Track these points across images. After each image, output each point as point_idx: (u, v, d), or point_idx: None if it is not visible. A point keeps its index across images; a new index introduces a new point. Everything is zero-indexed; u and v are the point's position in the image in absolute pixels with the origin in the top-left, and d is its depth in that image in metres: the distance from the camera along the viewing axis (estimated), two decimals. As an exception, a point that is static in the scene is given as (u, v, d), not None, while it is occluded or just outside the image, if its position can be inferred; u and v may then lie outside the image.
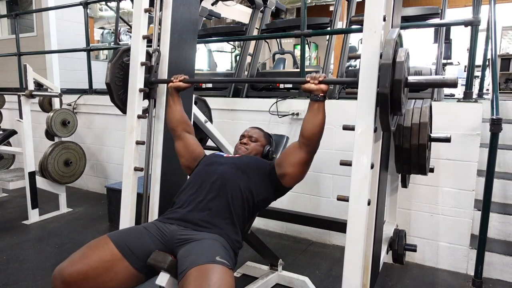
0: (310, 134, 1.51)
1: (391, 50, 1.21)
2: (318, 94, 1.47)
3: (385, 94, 1.20)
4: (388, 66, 1.20)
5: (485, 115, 2.60)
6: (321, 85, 1.46)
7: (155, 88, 1.99)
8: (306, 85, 1.48)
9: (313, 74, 1.49)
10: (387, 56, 1.20)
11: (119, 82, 1.95)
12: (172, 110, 1.84)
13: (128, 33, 7.34)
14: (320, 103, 1.48)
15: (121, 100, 1.97)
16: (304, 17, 3.01)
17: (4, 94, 4.47)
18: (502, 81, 7.89)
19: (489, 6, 2.74)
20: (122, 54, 1.94)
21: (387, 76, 1.20)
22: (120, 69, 1.94)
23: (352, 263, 1.30)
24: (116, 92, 1.94)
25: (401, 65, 1.22)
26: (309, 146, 1.54)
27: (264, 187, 1.65)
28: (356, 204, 1.30)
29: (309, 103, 1.51)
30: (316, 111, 1.49)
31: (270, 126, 3.10)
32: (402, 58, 1.23)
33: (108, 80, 1.89)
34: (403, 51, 1.26)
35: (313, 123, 1.50)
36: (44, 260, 2.67)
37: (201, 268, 1.26)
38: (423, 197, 2.66)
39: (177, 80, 1.80)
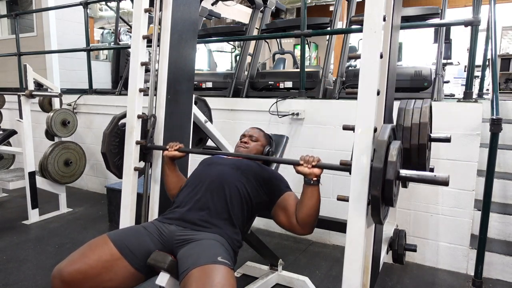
0: (305, 216, 1.49)
1: (383, 152, 1.22)
2: (312, 179, 1.44)
3: (377, 196, 1.22)
4: (380, 169, 1.21)
5: (485, 115, 2.60)
6: (314, 170, 1.42)
7: (151, 152, 1.99)
8: (299, 168, 1.44)
9: (306, 157, 1.44)
10: (378, 160, 1.22)
11: (115, 150, 1.95)
12: (169, 180, 1.83)
13: (128, 33, 7.33)
14: (314, 187, 1.45)
15: (117, 167, 1.97)
16: (304, 17, 3.02)
17: (4, 94, 4.46)
18: (502, 81, 7.89)
19: (489, 6, 2.74)
20: (117, 122, 1.95)
21: (379, 178, 1.21)
22: (115, 136, 1.95)
23: (352, 263, 1.30)
24: (112, 159, 1.95)
25: (393, 165, 1.23)
26: (304, 228, 1.52)
27: (261, 194, 1.65)
28: (356, 204, 1.30)
29: (303, 186, 1.47)
30: (310, 194, 1.46)
31: (270, 126, 3.10)
32: (394, 158, 1.23)
33: (104, 149, 1.90)
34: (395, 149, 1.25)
35: (307, 205, 1.47)
36: (44, 260, 2.67)
37: (203, 269, 1.26)
38: (423, 197, 2.66)
39: (172, 149, 1.77)
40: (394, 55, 1.63)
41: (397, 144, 1.28)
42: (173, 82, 2.03)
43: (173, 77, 2.03)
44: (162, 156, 1.88)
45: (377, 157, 1.23)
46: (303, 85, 3.11)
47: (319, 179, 1.45)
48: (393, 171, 1.23)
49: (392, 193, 1.24)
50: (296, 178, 1.71)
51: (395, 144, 1.28)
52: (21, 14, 5.11)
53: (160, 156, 1.95)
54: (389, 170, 1.23)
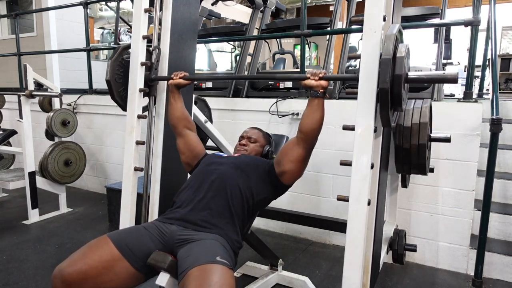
0: (308, 130, 1.51)
1: (391, 46, 1.21)
2: (318, 90, 1.47)
3: (386, 89, 1.20)
4: (388, 61, 1.20)
5: (485, 115, 2.60)
6: (321, 81, 1.46)
7: (155, 86, 1.99)
8: (306, 81, 1.49)
9: (313, 71, 1.49)
10: (387, 52, 1.20)
11: (119, 80, 1.95)
12: (173, 107, 1.84)
13: (128, 33, 7.34)
14: (319, 99, 1.49)
15: (121, 97, 1.97)
16: (304, 17, 3.02)
17: (4, 94, 4.47)
18: (502, 81, 7.89)
19: (489, 6, 2.74)
20: (122, 52, 1.95)
21: (388, 71, 1.20)
22: (120, 66, 1.94)
23: (352, 263, 1.30)
24: (117, 89, 1.94)
25: (402, 60, 1.22)
26: (307, 142, 1.54)
27: (264, 186, 1.65)
28: (356, 204, 1.30)
29: (309, 99, 1.51)
30: (316, 106, 1.49)
31: (270, 126, 3.10)
32: (402, 54, 1.23)
33: (109, 77, 1.89)
34: (404, 46, 1.26)
35: (312, 118, 1.50)
36: (44, 260, 2.67)
37: (201, 268, 1.26)
38: (423, 197, 2.66)
39: (177, 77, 1.80)
40: (394, 55, 1.63)
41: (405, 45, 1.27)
42: (173, 82, 2.03)
43: (173, 77, 2.03)
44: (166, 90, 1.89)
45: (386, 50, 1.21)
46: (303, 85, 3.10)
47: (326, 92, 1.49)
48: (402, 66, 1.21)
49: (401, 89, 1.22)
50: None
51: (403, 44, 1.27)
52: (21, 14, 5.11)
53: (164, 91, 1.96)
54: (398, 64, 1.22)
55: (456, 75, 1.22)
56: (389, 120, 1.27)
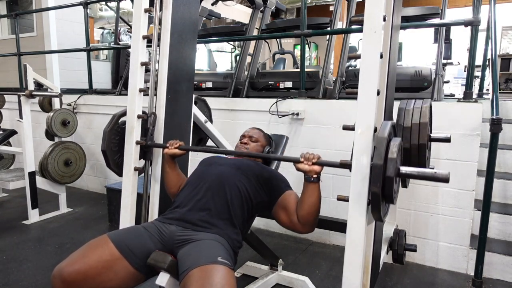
0: (306, 214, 1.48)
1: (383, 149, 1.22)
2: (312, 176, 1.43)
3: (377, 193, 1.21)
4: (380, 166, 1.20)
5: (485, 115, 2.60)
6: (314, 167, 1.41)
7: (151, 151, 1.98)
8: (299, 165, 1.44)
9: (306, 155, 1.43)
10: (378, 157, 1.21)
11: (115, 147, 1.95)
12: (170, 177, 1.82)
13: (128, 33, 7.33)
14: (314, 184, 1.45)
15: (117, 164, 1.97)
16: (304, 17, 3.01)
17: (4, 94, 4.46)
18: (502, 81, 7.89)
19: (489, 6, 2.74)
20: (117, 120, 1.94)
21: (380, 175, 1.20)
22: (116, 134, 1.95)
23: (352, 263, 1.30)
24: (112, 157, 1.95)
25: (393, 162, 1.22)
26: (305, 226, 1.52)
27: (262, 194, 1.65)
28: (356, 204, 1.30)
29: (304, 184, 1.47)
30: (311, 191, 1.45)
31: (270, 126, 3.10)
32: (394, 155, 1.22)
33: (104, 147, 1.89)
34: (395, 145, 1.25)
35: (308, 203, 1.46)
36: (44, 260, 2.67)
37: (203, 269, 1.26)
38: (423, 197, 2.66)
39: (172, 147, 1.76)
40: (394, 55, 1.63)
41: (397, 141, 1.28)
42: (173, 82, 2.03)
43: (173, 77, 2.03)
44: (162, 154, 1.88)
45: (377, 154, 1.22)
46: (303, 85, 3.11)
47: (319, 176, 1.45)
48: (393, 168, 1.22)
49: (392, 190, 1.24)
50: (297, 178, 1.71)
51: (395, 141, 1.28)
52: (21, 14, 5.11)
53: (161, 155, 1.94)
54: (389, 167, 1.22)
55: (447, 175, 1.21)
56: (381, 217, 1.28)
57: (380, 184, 1.21)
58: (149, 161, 1.99)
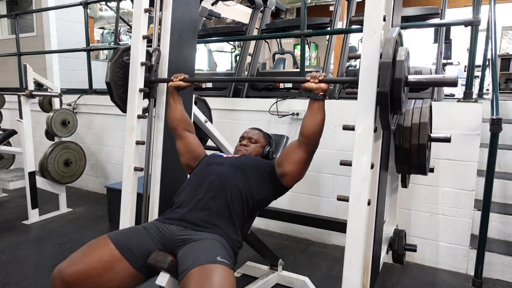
0: (310, 133, 1.51)
1: (391, 49, 1.21)
2: (318, 93, 1.47)
3: (385, 93, 1.20)
4: (388, 65, 1.20)
5: (485, 115, 2.60)
6: (321, 84, 1.46)
7: (155, 87, 1.99)
8: (306, 84, 1.49)
9: (313, 73, 1.49)
10: (387, 55, 1.20)
11: (119, 81, 1.95)
12: (173, 109, 1.84)
13: (128, 33, 7.34)
14: (320, 102, 1.48)
15: (121, 99, 1.97)
16: (304, 17, 3.01)
17: (4, 94, 4.47)
18: (502, 81, 7.89)
19: (489, 6, 2.74)
20: (122, 53, 1.94)
21: (387, 75, 1.20)
22: (120, 68, 1.94)
23: (352, 263, 1.30)
24: (116, 91, 1.94)
25: (401, 64, 1.22)
26: (308, 145, 1.54)
27: (264, 186, 1.65)
28: (356, 204, 1.30)
29: (309, 102, 1.51)
30: (316, 109, 1.49)
31: (270, 126, 3.10)
32: (402, 57, 1.23)
33: (108, 79, 1.89)
34: (403, 50, 1.25)
35: (312, 122, 1.50)
36: (44, 260, 2.67)
37: (202, 268, 1.26)
38: (423, 197, 2.66)
39: (177, 79, 1.80)
40: (394, 55, 1.63)
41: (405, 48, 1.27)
42: (173, 82, 2.03)
43: (173, 77, 2.03)
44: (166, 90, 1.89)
45: (385, 53, 1.21)
46: (303, 85, 3.10)
47: (326, 95, 1.49)
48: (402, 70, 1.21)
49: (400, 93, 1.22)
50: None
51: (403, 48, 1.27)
52: (21, 14, 5.11)
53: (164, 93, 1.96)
54: (398, 67, 1.21)
55: (456, 78, 1.21)
56: (389, 123, 1.27)
57: (389, 83, 1.20)
58: (153, 100, 1.99)
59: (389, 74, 1.20)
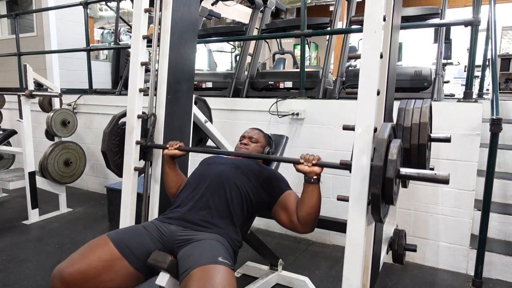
0: (305, 215, 1.49)
1: (383, 150, 1.22)
2: (312, 177, 1.44)
3: (377, 195, 1.21)
4: (380, 168, 1.20)
5: (485, 115, 2.60)
6: (314, 168, 1.41)
7: (151, 152, 1.98)
8: (299, 166, 1.44)
9: (306, 156, 1.44)
10: (378, 158, 1.21)
11: (115, 148, 1.96)
12: (170, 178, 1.82)
13: (128, 33, 7.34)
14: (314, 185, 1.45)
15: (117, 166, 1.97)
16: (304, 17, 3.01)
17: (4, 94, 4.46)
18: (502, 81, 7.88)
19: (489, 6, 2.74)
20: (117, 121, 1.95)
21: (380, 176, 1.20)
22: (116, 135, 1.95)
23: (352, 263, 1.30)
24: (112, 158, 1.95)
25: (393, 163, 1.22)
26: (305, 227, 1.52)
27: (262, 194, 1.65)
28: (356, 204, 1.30)
29: (304, 185, 1.47)
30: (310, 193, 1.45)
31: (270, 126, 3.10)
32: (394, 157, 1.22)
33: (104, 148, 1.90)
34: (395, 147, 1.25)
35: (307, 204, 1.47)
36: (44, 260, 2.67)
37: (204, 269, 1.26)
38: (423, 197, 2.66)
39: (172, 148, 1.76)
40: (394, 55, 1.63)
41: (397, 142, 1.28)
42: (173, 82, 2.03)
43: (173, 77, 2.03)
44: (162, 155, 1.88)
45: (377, 156, 1.23)
46: (303, 85, 3.11)
47: (320, 178, 1.45)
48: (393, 169, 1.22)
49: (392, 191, 1.24)
50: (296, 178, 1.71)
51: (395, 142, 1.28)
52: (21, 14, 5.11)
53: (160, 155, 1.94)
54: (389, 168, 1.22)
55: (447, 176, 1.20)
56: (381, 218, 1.28)
57: (380, 185, 1.21)
58: (149, 162, 1.99)
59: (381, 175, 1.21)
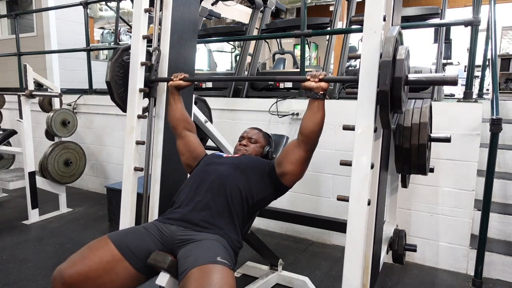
0: (309, 132, 1.51)
1: (391, 48, 1.21)
2: (318, 92, 1.47)
3: (385, 92, 1.20)
4: (388, 63, 1.20)
5: (485, 115, 2.60)
6: (321, 83, 1.46)
7: (155, 87, 1.99)
8: (306, 83, 1.48)
9: (313, 72, 1.48)
10: (387, 54, 1.20)
11: (119, 81, 1.95)
12: (173, 108, 1.84)
13: (128, 33, 7.34)
14: (320, 101, 1.48)
15: (122, 99, 1.97)
16: (304, 17, 3.01)
17: (4, 94, 4.46)
18: (502, 81, 7.88)
19: (489, 6, 2.74)
20: (122, 53, 1.95)
21: (387, 73, 1.20)
22: (120, 67, 1.94)
23: (352, 263, 1.30)
24: (117, 90, 1.94)
25: (401, 63, 1.22)
26: (308, 144, 1.54)
27: (264, 186, 1.65)
28: (356, 204, 1.30)
29: (309, 101, 1.50)
30: (316, 109, 1.49)
31: (270, 126, 3.10)
32: (402, 56, 1.23)
33: (109, 78, 1.89)
34: (404, 49, 1.26)
35: (312, 121, 1.50)
36: (44, 260, 2.67)
37: (202, 268, 1.26)
38: (423, 197, 2.66)
39: (177, 78, 1.79)
40: (394, 55, 1.63)
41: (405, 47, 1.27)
42: (173, 82, 2.03)
43: (173, 77, 2.03)
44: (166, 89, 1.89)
45: (385, 52, 1.21)
46: (303, 85, 3.10)
47: (326, 94, 1.49)
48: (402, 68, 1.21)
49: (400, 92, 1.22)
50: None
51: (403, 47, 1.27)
52: (21, 14, 5.11)
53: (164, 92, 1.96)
54: (398, 66, 1.21)
55: (456, 77, 1.22)
56: (389, 122, 1.27)
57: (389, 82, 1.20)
58: (153, 99, 1.99)
59: (389, 73, 1.20)
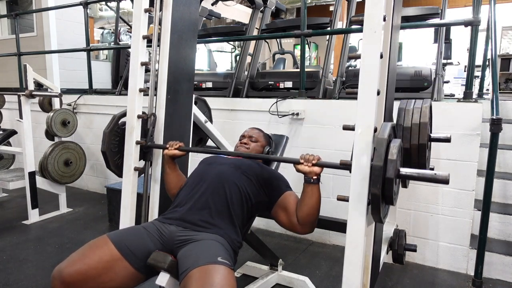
0: (305, 215, 1.48)
1: (383, 150, 1.21)
2: (312, 177, 1.43)
3: (377, 195, 1.21)
4: (379, 168, 1.20)
5: (485, 115, 2.60)
6: (314, 168, 1.41)
7: (151, 151, 1.98)
8: (299, 167, 1.44)
9: (306, 156, 1.44)
10: (379, 158, 1.21)
11: (115, 149, 1.95)
12: (170, 178, 1.82)
13: (128, 33, 7.34)
14: (314, 185, 1.44)
15: (117, 166, 1.97)
16: (304, 17, 3.01)
17: (4, 94, 4.46)
18: (502, 81, 7.88)
19: (489, 6, 2.74)
20: (117, 121, 1.95)
21: (379, 176, 1.20)
22: (115, 135, 1.95)
23: (352, 263, 1.30)
24: (112, 158, 1.95)
25: (393, 163, 1.22)
26: (305, 227, 1.52)
27: (262, 194, 1.65)
28: (356, 204, 1.29)
29: (303, 185, 1.46)
30: (310, 193, 1.45)
31: (270, 126, 3.09)
32: (394, 156, 1.22)
33: (104, 148, 1.89)
34: (395, 147, 1.24)
35: (307, 204, 1.47)
36: (44, 260, 2.67)
37: (203, 269, 1.26)
38: (423, 197, 2.66)
39: (172, 148, 1.76)
40: (394, 55, 1.63)
41: (397, 142, 1.28)
42: (173, 82, 2.03)
43: (173, 77, 2.03)
44: (162, 155, 1.88)
45: (377, 156, 1.22)
46: (303, 85, 3.11)
47: (319, 178, 1.45)
48: (393, 169, 1.22)
49: (392, 191, 1.24)
50: (296, 178, 1.71)
51: (395, 142, 1.28)
52: (21, 14, 5.11)
53: (160, 155, 1.94)
54: (389, 168, 1.22)
55: (447, 176, 1.20)
56: (381, 218, 1.28)
57: (380, 186, 1.21)
58: (149, 162, 1.98)
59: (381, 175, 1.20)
